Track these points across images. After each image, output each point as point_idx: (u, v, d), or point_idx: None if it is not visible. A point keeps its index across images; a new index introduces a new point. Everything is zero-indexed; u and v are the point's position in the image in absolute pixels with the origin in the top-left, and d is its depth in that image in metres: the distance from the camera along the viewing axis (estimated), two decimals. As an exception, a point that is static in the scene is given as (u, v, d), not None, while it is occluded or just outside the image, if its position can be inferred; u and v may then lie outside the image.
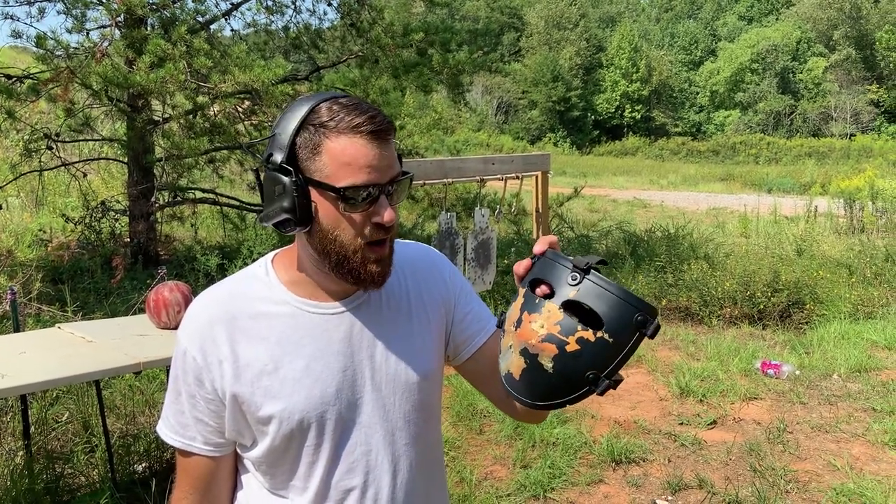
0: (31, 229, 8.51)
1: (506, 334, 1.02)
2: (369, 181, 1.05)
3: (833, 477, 3.79)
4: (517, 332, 0.98)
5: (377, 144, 1.06)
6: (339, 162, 1.05)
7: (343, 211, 1.06)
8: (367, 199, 1.06)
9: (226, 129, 6.66)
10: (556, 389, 0.98)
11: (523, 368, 0.98)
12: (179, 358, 1.15)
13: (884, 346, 5.95)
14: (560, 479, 3.70)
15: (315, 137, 1.06)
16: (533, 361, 0.96)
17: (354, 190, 1.05)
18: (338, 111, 1.06)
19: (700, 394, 4.89)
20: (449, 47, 7.83)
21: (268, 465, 1.16)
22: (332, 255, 1.09)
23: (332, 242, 1.08)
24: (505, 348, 1.02)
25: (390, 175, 1.08)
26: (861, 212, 11.89)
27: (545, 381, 0.97)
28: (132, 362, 2.77)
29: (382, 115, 1.08)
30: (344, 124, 1.05)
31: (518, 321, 0.98)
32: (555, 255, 1.00)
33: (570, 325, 0.94)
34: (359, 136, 1.05)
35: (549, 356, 0.95)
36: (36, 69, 6.37)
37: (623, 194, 21.09)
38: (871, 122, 48.12)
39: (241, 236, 8.28)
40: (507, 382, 1.02)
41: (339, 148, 1.05)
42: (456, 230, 4.99)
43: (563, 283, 0.96)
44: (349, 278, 1.11)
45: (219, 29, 8.92)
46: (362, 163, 1.05)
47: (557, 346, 0.94)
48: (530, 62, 52.33)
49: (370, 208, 1.07)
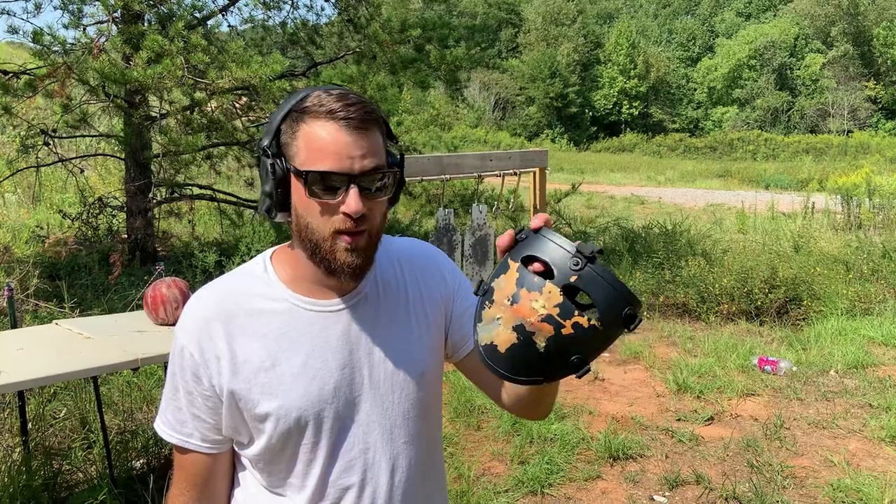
0: (28, 225, 8.50)
1: (493, 305, 1.00)
2: (337, 168, 1.03)
3: (830, 473, 3.80)
4: (513, 307, 0.97)
5: (350, 132, 1.04)
6: (310, 147, 1.04)
7: (309, 196, 1.05)
8: (333, 187, 1.04)
9: (223, 125, 6.65)
10: (540, 368, 0.99)
11: (513, 343, 0.98)
12: (177, 354, 1.15)
13: (880, 342, 5.96)
14: (558, 475, 3.71)
15: (295, 123, 1.06)
16: (526, 339, 0.96)
17: (316, 175, 1.04)
18: (322, 98, 1.05)
19: (697, 390, 4.90)
20: (446, 43, 7.82)
21: (265, 463, 1.16)
22: (306, 242, 1.09)
23: (305, 229, 1.08)
24: (489, 319, 1.01)
25: (363, 166, 1.05)
26: (858, 208, 11.90)
27: (532, 359, 0.98)
28: (130, 359, 2.77)
29: (364, 106, 1.06)
30: (322, 110, 1.04)
31: (514, 296, 0.97)
32: (550, 233, 0.99)
33: (568, 309, 0.95)
34: (332, 121, 1.04)
35: (545, 336, 0.96)
36: (33, 65, 6.35)
37: (620, 191, 21.10)
38: (868, 118, 48.17)
39: (239, 233, 8.28)
40: (486, 352, 1.01)
41: (311, 132, 1.04)
42: (454, 226, 4.99)
43: (565, 266, 0.96)
44: (323, 268, 1.10)
45: (216, 25, 8.93)
46: (330, 149, 1.03)
47: (555, 327, 0.95)
48: (528, 58, 52.27)
49: (339, 197, 1.05)
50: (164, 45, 5.65)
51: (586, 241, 1.34)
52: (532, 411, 1.28)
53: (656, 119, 54.61)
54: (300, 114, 1.06)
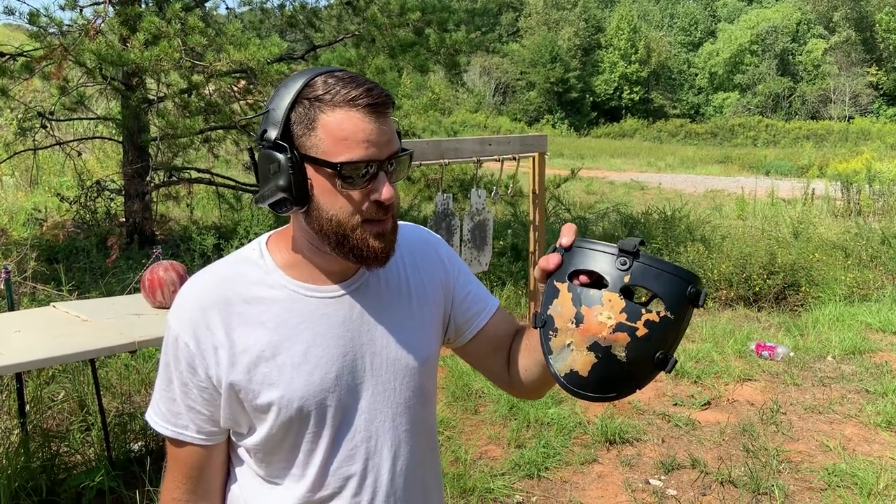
0: (26, 208, 8.49)
1: (559, 333, 0.97)
2: (367, 157, 1.01)
3: (825, 457, 3.82)
4: (581, 328, 0.95)
5: (374, 118, 1.01)
6: (335, 137, 1.00)
7: (340, 188, 1.03)
8: (365, 175, 1.02)
9: (221, 108, 6.60)
10: (629, 377, 0.97)
11: (594, 364, 0.95)
12: (171, 344, 1.11)
13: (878, 328, 5.97)
14: (554, 459, 3.72)
15: (310, 112, 1.02)
16: (605, 354, 0.94)
17: (352, 166, 1.01)
18: (333, 84, 1.02)
19: (694, 375, 4.91)
20: (446, 27, 7.76)
21: (264, 453, 1.13)
22: (330, 234, 1.05)
23: (330, 222, 1.04)
24: (559, 347, 0.98)
25: (389, 151, 1.04)
26: (858, 195, 11.89)
27: (618, 371, 0.96)
28: (127, 341, 2.77)
29: (380, 89, 1.03)
30: (340, 97, 1.00)
31: (577, 317, 0.95)
32: (586, 242, 0.97)
33: (634, 310, 0.93)
34: (355, 109, 1.00)
35: (623, 345, 0.94)
36: (29, 47, 6.32)
37: (620, 176, 21.05)
38: (869, 104, 47.99)
39: (237, 217, 8.26)
40: (569, 382, 0.98)
41: (335, 122, 1.00)
42: (452, 211, 4.98)
43: (614, 270, 0.94)
44: (351, 257, 1.07)
45: (214, 7, 8.86)
46: (360, 137, 1.00)
47: (629, 333, 0.93)
48: (529, 43, 51.98)
49: (369, 185, 1.03)
50: (162, 26, 5.61)
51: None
52: (537, 392, 1.27)
53: (657, 104, 54.38)
54: (316, 102, 1.02)
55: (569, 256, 0.98)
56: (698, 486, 3.54)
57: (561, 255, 0.99)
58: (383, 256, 1.08)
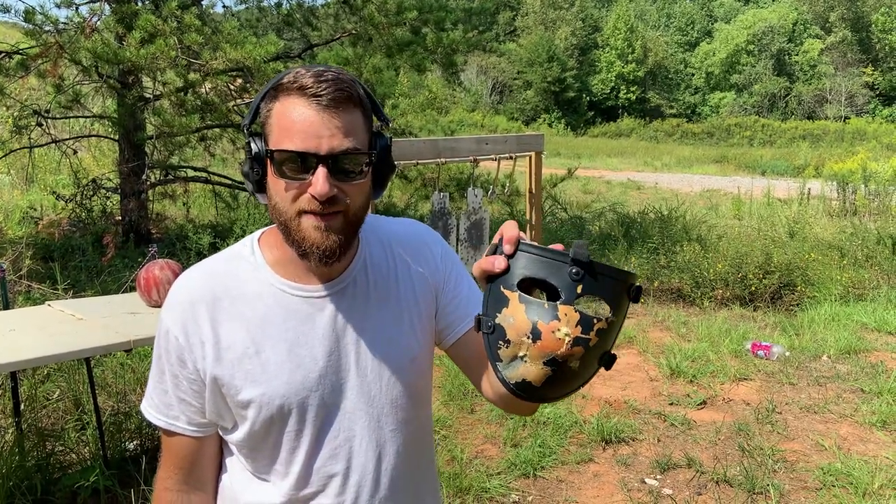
0: (21, 206, 8.46)
1: (511, 345, 0.94)
2: (303, 148, 0.99)
3: (821, 457, 3.83)
4: (538, 344, 0.92)
5: (322, 110, 0.99)
6: (279, 125, 1.01)
7: (275, 175, 1.02)
8: (299, 167, 1.00)
9: (217, 106, 6.60)
10: (578, 379, 0.96)
11: (548, 376, 0.94)
12: (162, 337, 1.13)
13: (873, 328, 5.98)
14: (550, 458, 3.73)
15: (270, 101, 1.03)
16: (560, 367, 0.93)
17: (284, 154, 1.00)
18: (301, 76, 1.01)
19: (690, 374, 4.91)
20: (443, 26, 7.76)
21: (249, 449, 1.14)
22: (279, 224, 1.06)
23: (275, 209, 1.04)
24: (509, 357, 0.94)
25: (333, 146, 1.00)
26: (854, 195, 11.92)
27: (571, 378, 0.95)
28: (123, 340, 2.76)
29: (338, 83, 1.00)
30: (294, 87, 1.00)
31: (534, 332, 0.91)
32: (534, 248, 0.93)
33: (588, 322, 0.91)
34: (303, 98, 0.99)
35: (577, 357, 0.93)
36: (25, 44, 6.30)
37: (617, 176, 21.07)
38: (865, 104, 48.12)
39: (234, 215, 8.25)
40: (519, 389, 0.95)
41: (281, 110, 1.01)
42: (449, 210, 4.98)
43: (567, 280, 0.91)
44: (296, 249, 1.06)
45: (210, 5, 8.83)
46: (297, 128, 0.99)
47: (584, 346, 0.92)
48: (526, 42, 51.99)
49: (306, 177, 1.00)
50: (158, 24, 5.60)
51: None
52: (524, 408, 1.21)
53: (654, 104, 54.44)
54: (275, 91, 1.02)
55: (515, 261, 0.94)
56: (694, 485, 3.55)
57: (506, 259, 0.93)
58: (324, 252, 1.04)
